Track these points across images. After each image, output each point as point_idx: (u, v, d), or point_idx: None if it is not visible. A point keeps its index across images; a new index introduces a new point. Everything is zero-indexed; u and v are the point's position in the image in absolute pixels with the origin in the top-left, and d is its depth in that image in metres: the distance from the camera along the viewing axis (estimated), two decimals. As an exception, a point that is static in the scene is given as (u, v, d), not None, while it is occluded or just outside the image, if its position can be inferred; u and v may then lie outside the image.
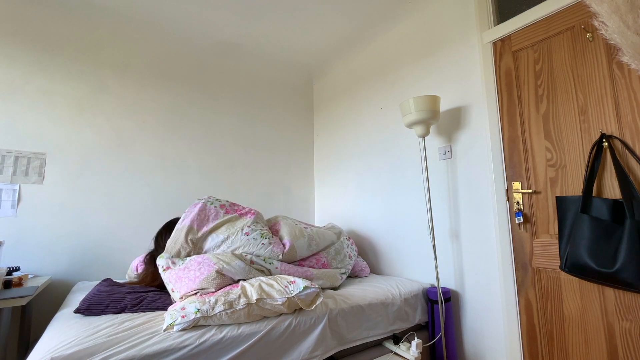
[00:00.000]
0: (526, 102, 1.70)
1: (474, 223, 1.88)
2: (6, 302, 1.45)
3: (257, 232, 1.78)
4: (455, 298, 1.94)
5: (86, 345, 1.07)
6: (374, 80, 2.68)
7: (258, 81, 3.18)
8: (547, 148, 1.61)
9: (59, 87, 2.27)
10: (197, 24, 2.45)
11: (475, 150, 1.90)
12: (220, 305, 1.29)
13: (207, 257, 1.56)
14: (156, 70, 2.66)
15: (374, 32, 2.59)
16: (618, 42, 1.13)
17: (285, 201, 3.17)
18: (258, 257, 1.71)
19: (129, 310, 1.40)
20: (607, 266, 1.27)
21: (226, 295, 1.33)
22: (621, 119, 1.39)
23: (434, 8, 2.22)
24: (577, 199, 1.43)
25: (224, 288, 1.41)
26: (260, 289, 1.38)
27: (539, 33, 1.66)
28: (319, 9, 2.29)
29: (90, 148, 2.33)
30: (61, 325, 1.25)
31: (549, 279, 1.58)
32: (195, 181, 2.72)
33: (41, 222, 2.12)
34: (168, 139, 2.65)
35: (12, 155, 2.08)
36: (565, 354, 1.51)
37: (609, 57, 1.43)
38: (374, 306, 1.71)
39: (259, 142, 3.11)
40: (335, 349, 1.54)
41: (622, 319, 1.35)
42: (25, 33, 2.20)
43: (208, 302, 1.29)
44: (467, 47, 1.98)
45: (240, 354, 1.27)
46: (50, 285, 2.11)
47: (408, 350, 1.64)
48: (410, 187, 2.29)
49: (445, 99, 2.09)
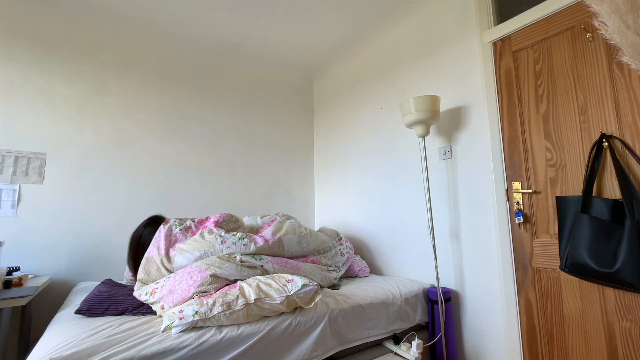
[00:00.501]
0: (526, 102, 1.70)
1: (474, 223, 1.87)
2: (6, 302, 1.45)
3: (231, 235, 1.73)
4: (455, 298, 1.94)
5: (85, 346, 1.07)
6: (374, 80, 2.68)
7: (258, 81, 3.18)
8: (547, 148, 1.61)
9: (59, 87, 2.27)
10: (197, 24, 2.45)
11: (475, 150, 1.90)
12: (219, 306, 1.28)
13: (194, 265, 1.51)
14: (156, 70, 2.66)
15: (374, 32, 2.59)
16: (618, 42, 1.13)
17: (285, 201, 3.17)
18: (246, 256, 1.68)
19: (129, 313, 1.40)
20: (607, 266, 1.27)
21: (224, 296, 1.33)
22: (621, 119, 1.38)
23: (433, 8, 2.22)
24: (577, 199, 1.43)
25: (222, 289, 1.40)
26: (259, 289, 1.37)
27: (539, 33, 1.66)
28: (319, 9, 2.29)
29: (90, 148, 2.33)
30: (60, 326, 1.25)
31: (549, 279, 1.57)
32: (195, 181, 2.72)
33: (41, 222, 2.13)
34: (168, 139, 2.65)
35: (12, 155, 2.08)
36: (565, 354, 1.51)
37: (609, 57, 1.43)
38: (375, 306, 1.71)
39: (259, 142, 3.11)
40: (335, 348, 1.53)
41: (622, 319, 1.35)
42: (25, 33, 2.20)
43: (206, 304, 1.28)
44: (467, 47, 1.98)
45: (240, 355, 1.27)
46: (50, 285, 2.11)
47: (408, 351, 1.64)
48: (410, 187, 2.29)
49: (445, 99, 2.09)
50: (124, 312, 1.38)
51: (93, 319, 1.32)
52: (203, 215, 2.72)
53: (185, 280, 1.43)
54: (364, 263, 2.32)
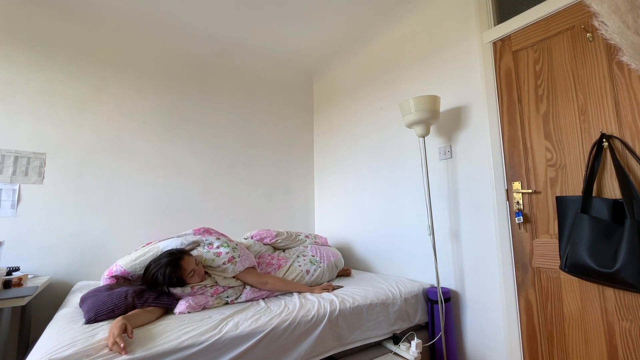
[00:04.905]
0: (526, 102, 1.70)
1: (474, 223, 1.87)
2: (6, 302, 1.45)
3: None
4: (455, 298, 1.94)
5: (83, 347, 1.07)
6: (374, 80, 2.68)
7: (258, 81, 3.18)
8: (547, 148, 1.61)
9: (59, 87, 2.27)
10: (196, 23, 2.44)
11: (475, 150, 1.90)
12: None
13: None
14: (156, 70, 2.66)
15: (374, 32, 2.59)
16: (618, 42, 1.13)
17: (285, 201, 3.17)
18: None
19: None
20: (607, 266, 1.27)
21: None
22: (621, 119, 1.38)
23: (433, 8, 2.22)
24: (577, 199, 1.43)
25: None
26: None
27: (539, 33, 1.66)
28: (319, 8, 2.29)
29: (90, 148, 2.33)
30: (59, 327, 1.24)
31: (549, 279, 1.57)
32: (195, 181, 2.72)
33: (41, 222, 2.13)
34: (168, 138, 2.65)
35: (12, 155, 2.08)
36: (565, 354, 1.51)
37: (609, 57, 1.43)
38: (375, 306, 1.71)
39: (259, 142, 3.11)
40: (335, 349, 1.53)
41: (622, 319, 1.35)
42: (25, 33, 2.20)
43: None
44: (467, 47, 1.98)
45: (240, 355, 1.27)
46: (50, 285, 2.11)
47: (408, 350, 1.64)
48: (410, 187, 2.29)
49: (445, 98, 2.09)
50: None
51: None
52: (203, 215, 2.72)
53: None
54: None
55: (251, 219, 2.95)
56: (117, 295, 1.38)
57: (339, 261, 2.21)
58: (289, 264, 1.98)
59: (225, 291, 1.64)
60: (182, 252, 1.58)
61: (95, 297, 1.40)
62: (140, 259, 1.62)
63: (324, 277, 2.05)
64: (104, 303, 1.34)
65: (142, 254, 1.63)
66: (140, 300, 1.39)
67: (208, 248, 1.69)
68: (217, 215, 2.78)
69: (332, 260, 2.15)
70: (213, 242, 1.72)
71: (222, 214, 2.81)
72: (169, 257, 1.52)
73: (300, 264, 2.00)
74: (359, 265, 2.70)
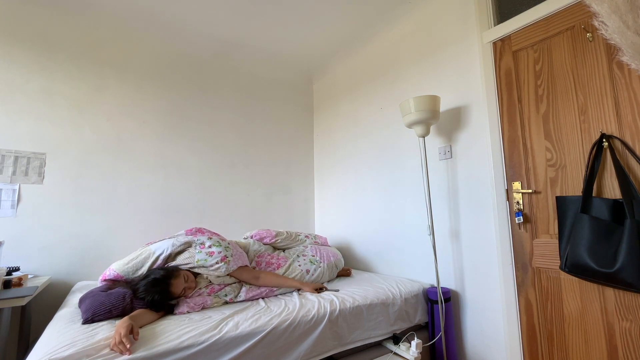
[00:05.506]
0: (526, 102, 1.70)
1: (474, 223, 1.87)
2: (6, 302, 1.45)
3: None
4: (455, 298, 1.94)
5: (84, 347, 1.07)
6: (374, 80, 2.68)
7: (258, 81, 3.18)
8: (547, 148, 1.61)
9: (59, 87, 2.27)
10: (196, 23, 2.44)
11: (475, 150, 1.90)
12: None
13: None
14: (156, 70, 2.66)
15: (374, 32, 2.59)
16: (618, 42, 1.13)
17: (285, 201, 3.17)
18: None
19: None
20: (607, 266, 1.27)
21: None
22: (621, 119, 1.38)
23: (433, 8, 2.22)
24: (577, 199, 1.43)
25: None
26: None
27: (539, 33, 1.66)
28: (319, 8, 2.29)
29: (90, 148, 2.33)
30: (59, 327, 1.24)
31: (549, 279, 1.57)
32: (195, 181, 2.72)
33: (41, 222, 2.12)
34: (168, 138, 2.65)
35: (12, 155, 2.08)
36: (565, 354, 1.51)
37: (609, 57, 1.43)
38: (375, 306, 1.71)
39: (259, 142, 3.11)
40: (335, 349, 1.53)
41: (622, 319, 1.35)
42: (25, 33, 2.20)
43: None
44: (467, 47, 1.98)
45: (240, 355, 1.27)
46: (50, 285, 2.11)
47: (408, 350, 1.64)
48: (410, 187, 2.29)
49: (445, 98, 2.09)
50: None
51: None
52: (202, 215, 2.72)
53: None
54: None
55: (251, 219, 2.95)
56: (115, 296, 1.38)
57: (339, 261, 2.21)
58: (288, 263, 1.98)
59: (223, 289, 1.64)
60: (169, 276, 1.48)
61: (93, 297, 1.40)
62: (132, 262, 1.62)
63: (324, 277, 2.05)
64: (101, 303, 1.34)
65: (134, 257, 1.64)
66: (138, 301, 1.40)
67: (200, 248, 1.69)
68: (217, 215, 2.78)
69: (332, 260, 2.15)
70: (205, 242, 1.71)
71: (222, 214, 2.81)
72: (154, 286, 1.42)
73: (300, 263, 2.00)
74: (359, 265, 2.70)
